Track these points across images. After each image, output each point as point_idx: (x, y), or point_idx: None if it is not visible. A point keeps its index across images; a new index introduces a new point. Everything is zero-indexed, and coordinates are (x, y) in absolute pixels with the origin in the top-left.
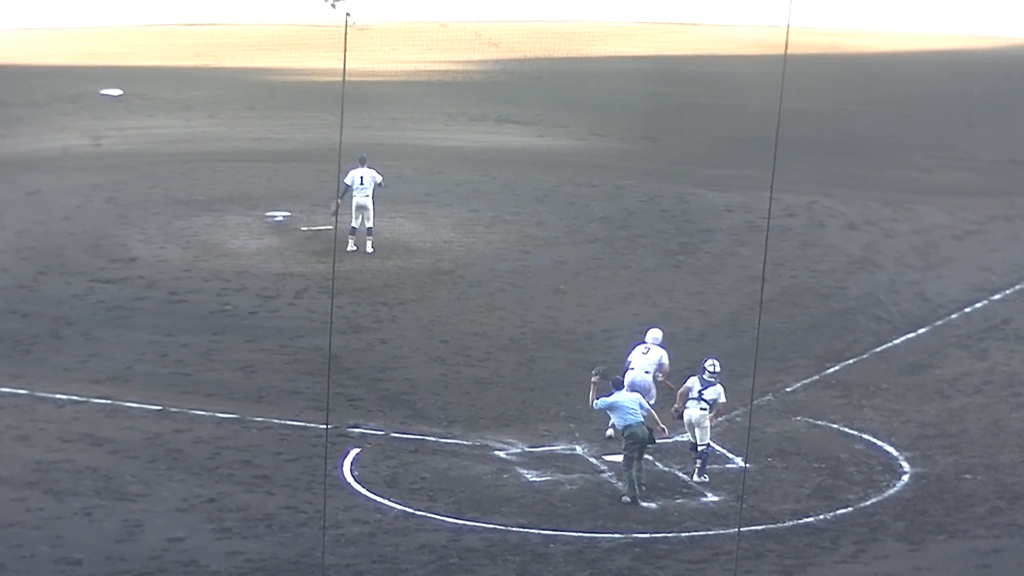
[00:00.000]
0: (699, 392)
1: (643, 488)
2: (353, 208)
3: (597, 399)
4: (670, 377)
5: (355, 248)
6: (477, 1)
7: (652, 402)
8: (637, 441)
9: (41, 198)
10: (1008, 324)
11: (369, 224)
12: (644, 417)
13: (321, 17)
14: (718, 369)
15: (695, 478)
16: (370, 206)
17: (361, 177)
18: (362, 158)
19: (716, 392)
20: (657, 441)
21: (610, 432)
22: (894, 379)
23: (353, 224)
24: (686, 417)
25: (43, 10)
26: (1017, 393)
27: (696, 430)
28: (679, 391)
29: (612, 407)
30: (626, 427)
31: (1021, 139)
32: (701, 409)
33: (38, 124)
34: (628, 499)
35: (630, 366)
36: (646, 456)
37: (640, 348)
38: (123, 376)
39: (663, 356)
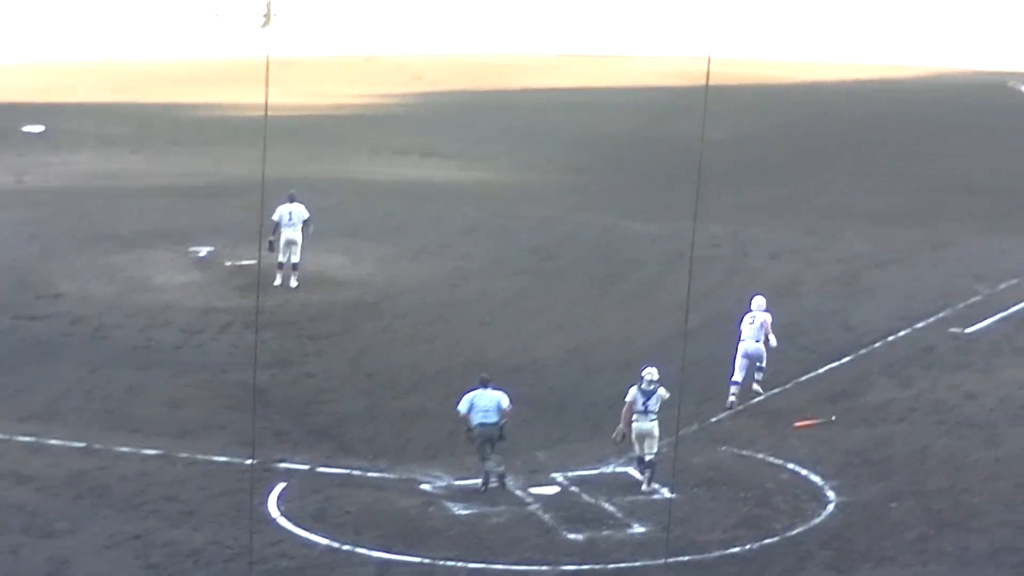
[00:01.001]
0: (643, 404)
1: (502, 479)
2: (282, 243)
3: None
4: (769, 337)
5: (280, 283)
6: (401, 35)
7: (764, 364)
8: (487, 440)
9: None
10: (932, 351)
11: (296, 259)
12: (500, 416)
13: (246, 51)
14: (656, 377)
15: (645, 487)
16: (299, 241)
17: (290, 213)
18: (291, 194)
19: (658, 399)
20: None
21: (732, 399)
22: (819, 407)
23: (280, 259)
24: (635, 431)
25: None
26: (942, 420)
27: (646, 441)
28: (623, 411)
29: (471, 406)
30: (479, 425)
31: (942, 167)
32: (650, 421)
33: None
34: (482, 488)
35: (741, 336)
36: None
37: (747, 318)
38: (48, 413)
39: (766, 320)
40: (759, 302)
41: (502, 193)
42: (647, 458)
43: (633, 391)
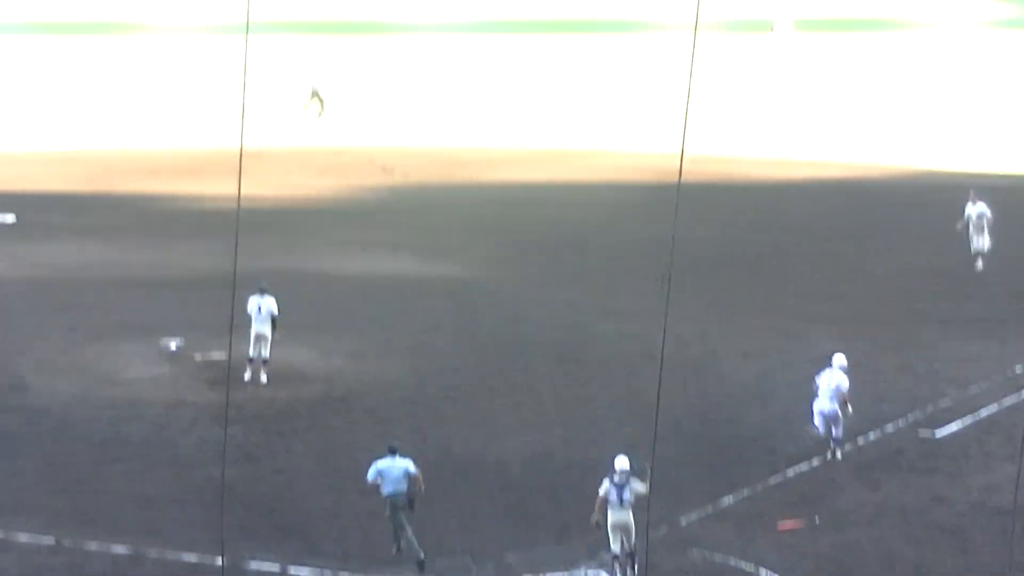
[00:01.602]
0: (617, 496)
1: (411, 545)
2: (252, 337)
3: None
4: (846, 404)
5: (250, 378)
6: (371, 127)
7: (843, 424)
8: (397, 508)
9: None
10: (901, 455)
11: (265, 354)
12: (409, 484)
13: (217, 142)
14: (627, 467)
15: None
16: (268, 335)
17: (259, 306)
18: (261, 287)
19: (631, 491)
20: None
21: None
22: (789, 511)
23: (251, 354)
24: (611, 524)
25: None
26: (911, 524)
27: (623, 534)
28: (596, 502)
29: (380, 474)
30: (389, 495)
31: (913, 269)
32: (626, 512)
33: None
34: (394, 550)
35: (817, 392)
36: None
37: (825, 374)
38: (15, 508)
39: (841, 382)
40: (839, 359)
41: (470, 288)
42: (628, 551)
43: (606, 483)
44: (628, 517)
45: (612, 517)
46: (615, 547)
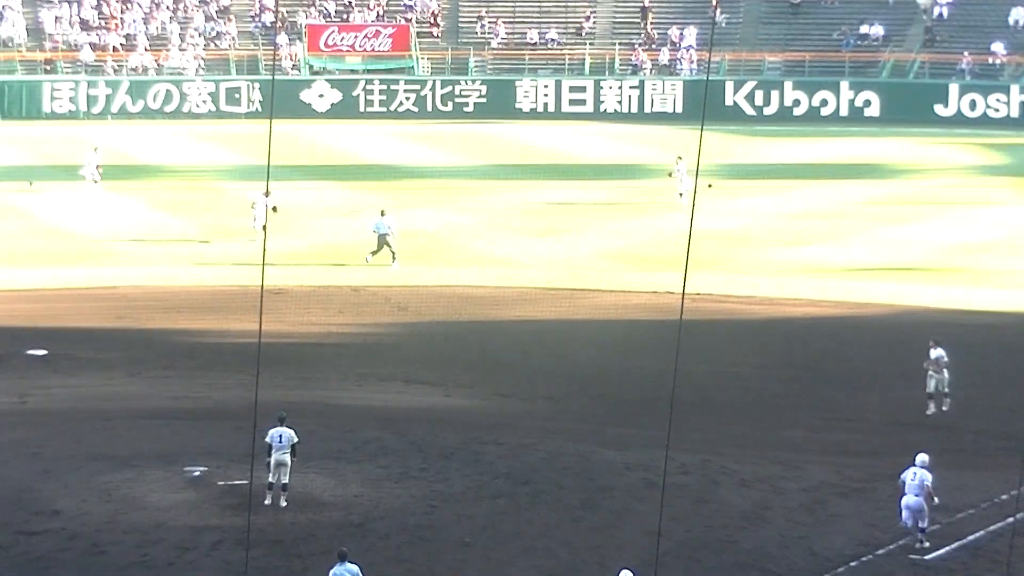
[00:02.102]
0: None
1: None
2: (272, 464)
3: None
4: (931, 496)
5: (271, 502)
6: (387, 270)
7: (928, 519)
8: None
9: None
10: None
11: (285, 480)
12: None
13: (238, 280)
14: None
15: None
16: (288, 463)
17: (280, 435)
18: (281, 417)
19: None
20: None
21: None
22: None
23: (271, 479)
24: None
25: None
26: None
27: None
28: None
29: None
30: None
31: (904, 402)
32: None
33: None
34: None
35: (904, 489)
36: None
37: (909, 472)
38: None
39: (925, 477)
40: (922, 458)
41: (480, 420)
42: None
43: None
44: None
45: None
46: None
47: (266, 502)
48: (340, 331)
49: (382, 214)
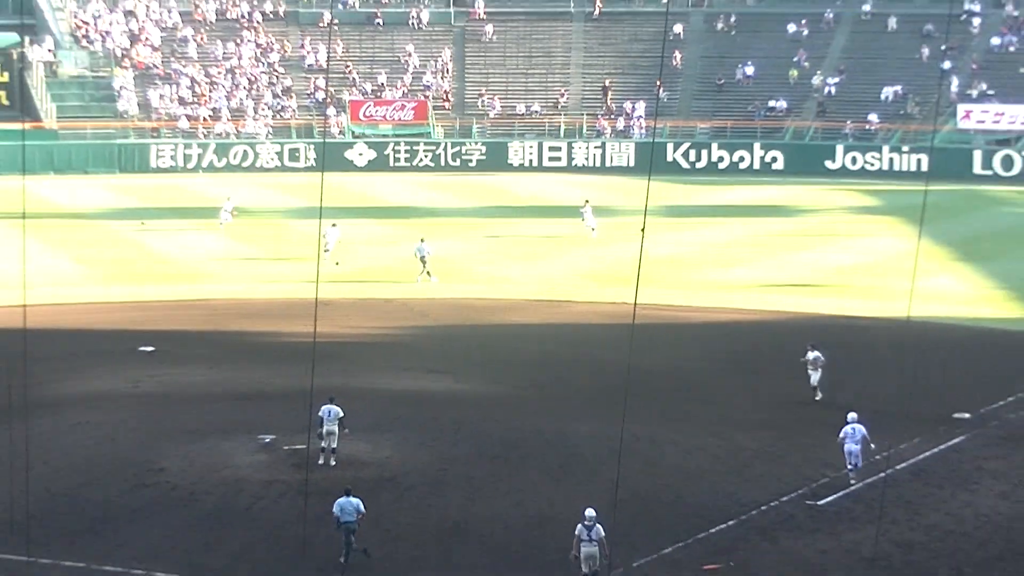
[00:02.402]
0: (587, 535)
1: (355, 551)
2: (324, 434)
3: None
4: (868, 442)
5: (323, 462)
6: (411, 285)
7: (863, 458)
8: (350, 532)
9: (95, 426)
10: (794, 518)
11: (334, 446)
12: (357, 516)
13: (296, 294)
14: (593, 514)
15: None
16: (336, 432)
17: (329, 411)
18: (331, 398)
19: (598, 532)
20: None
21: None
22: (711, 558)
23: (323, 445)
24: (583, 555)
25: (98, 290)
26: (800, 569)
27: (591, 561)
28: (574, 540)
29: (340, 508)
30: (344, 523)
31: (805, 387)
32: (593, 547)
33: (98, 370)
34: (342, 560)
35: (844, 441)
36: None
37: (848, 428)
38: (154, 555)
39: (861, 430)
40: (853, 416)
41: (481, 401)
42: (595, 569)
43: (579, 527)
44: (595, 550)
45: (584, 550)
46: (585, 569)
47: (319, 462)
48: (374, 333)
49: (421, 240)
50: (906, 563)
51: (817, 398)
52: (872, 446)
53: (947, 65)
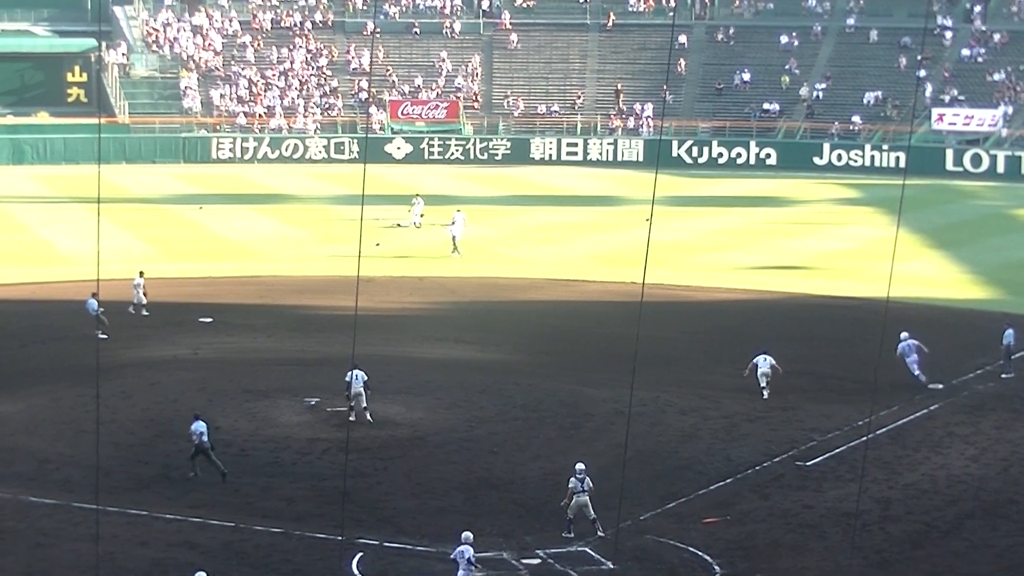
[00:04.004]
0: (580, 487)
1: (216, 466)
2: (352, 395)
3: None
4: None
5: (354, 419)
6: (442, 264)
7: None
8: (202, 451)
9: (159, 387)
10: (783, 477)
11: (364, 404)
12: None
13: (341, 272)
14: (583, 467)
15: (600, 532)
16: (363, 392)
17: (356, 375)
18: (355, 364)
19: (588, 483)
20: None
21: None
22: (709, 512)
23: (351, 405)
24: (575, 504)
25: (162, 266)
26: (789, 522)
27: (584, 510)
28: (567, 492)
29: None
30: (199, 443)
31: (790, 357)
32: (585, 496)
33: (158, 339)
34: (192, 475)
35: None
36: None
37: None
38: (210, 503)
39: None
40: (904, 335)
41: (504, 368)
42: (591, 516)
43: (573, 480)
44: (586, 499)
45: (577, 500)
46: (572, 516)
47: (351, 419)
48: (410, 307)
49: (453, 222)
50: (884, 518)
51: (764, 397)
52: (926, 350)
53: (922, 73)
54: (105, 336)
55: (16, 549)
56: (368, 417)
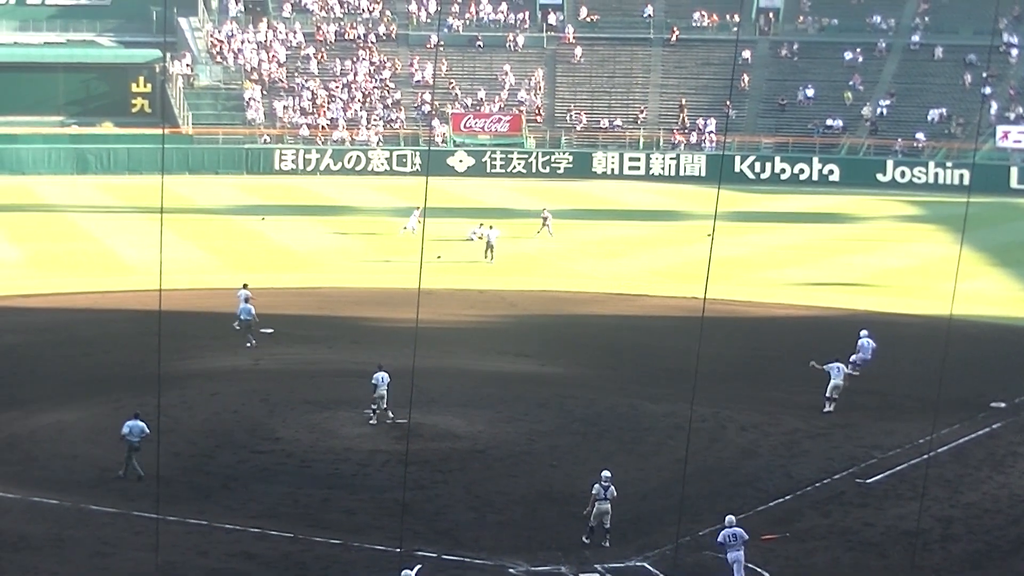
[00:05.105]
0: (603, 494)
1: (135, 470)
2: (376, 396)
3: None
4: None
5: (376, 422)
6: (503, 277)
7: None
8: (133, 450)
9: (219, 398)
10: (843, 495)
11: (384, 406)
12: (143, 435)
13: (401, 284)
14: (609, 474)
15: (591, 539)
16: (385, 395)
17: (381, 377)
18: (380, 365)
19: (612, 491)
20: None
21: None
22: (770, 527)
23: (373, 407)
24: (596, 510)
25: (224, 277)
26: (849, 540)
27: (604, 517)
28: (591, 499)
29: (130, 428)
30: (130, 441)
31: (853, 376)
32: (607, 504)
33: (218, 350)
34: (122, 473)
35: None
36: None
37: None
38: (269, 514)
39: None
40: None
41: (564, 381)
42: (607, 525)
43: (596, 487)
44: (608, 507)
45: (598, 507)
46: (594, 524)
47: (371, 422)
48: (470, 320)
49: (491, 227)
50: (945, 537)
51: (827, 409)
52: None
53: (987, 91)
54: (252, 343)
55: (76, 557)
56: (390, 416)
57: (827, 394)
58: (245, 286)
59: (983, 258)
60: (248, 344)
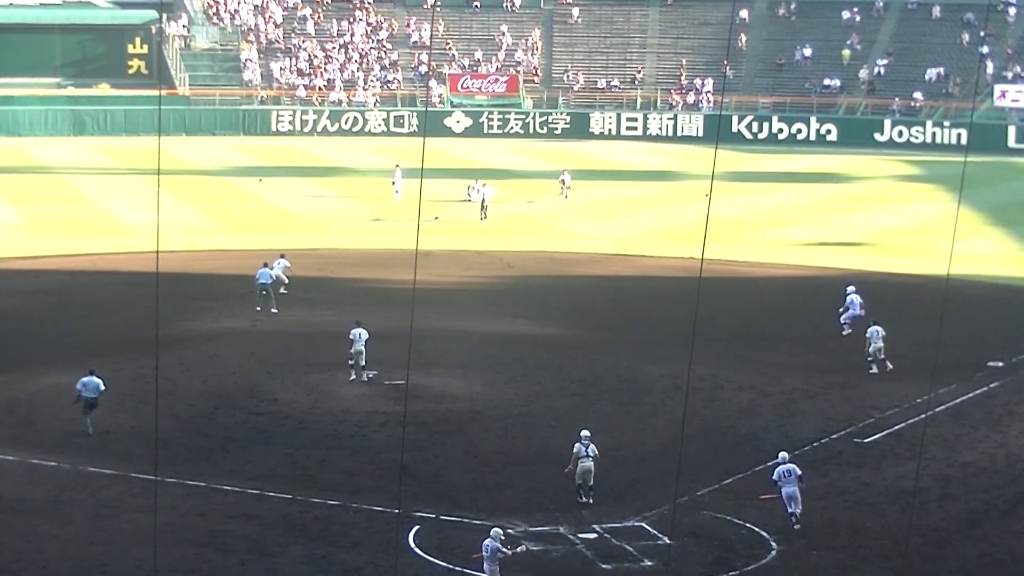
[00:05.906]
0: (585, 452)
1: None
2: (353, 352)
3: None
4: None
5: (354, 378)
6: (501, 239)
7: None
8: (90, 407)
9: (217, 360)
10: (841, 454)
11: (363, 363)
12: (99, 392)
13: (399, 245)
14: (588, 434)
15: (584, 498)
16: (363, 351)
17: (359, 334)
18: (358, 321)
19: (593, 449)
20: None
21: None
22: (766, 489)
23: (351, 363)
24: (580, 469)
25: (222, 239)
26: (846, 499)
27: (587, 475)
28: (572, 457)
29: (83, 385)
30: (86, 399)
31: (849, 336)
32: (590, 462)
33: (217, 312)
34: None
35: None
36: None
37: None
38: (268, 475)
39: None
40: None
41: (562, 343)
42: (590, 483)
43: (578, 445)
44: (591, 465)
45: (582, 465)
46: (579, 481)
47: (351, 378)
48: (468, 281)
49: (484, 185)
50: (943, 496)
51: (873, 371)
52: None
53: (985, 50)
54: (275, 311)
55: (76, 519)
56: (366, 376)
57: (869, 357)
58: (283, 256)
59: (980, 218)
60: (273, 310)
